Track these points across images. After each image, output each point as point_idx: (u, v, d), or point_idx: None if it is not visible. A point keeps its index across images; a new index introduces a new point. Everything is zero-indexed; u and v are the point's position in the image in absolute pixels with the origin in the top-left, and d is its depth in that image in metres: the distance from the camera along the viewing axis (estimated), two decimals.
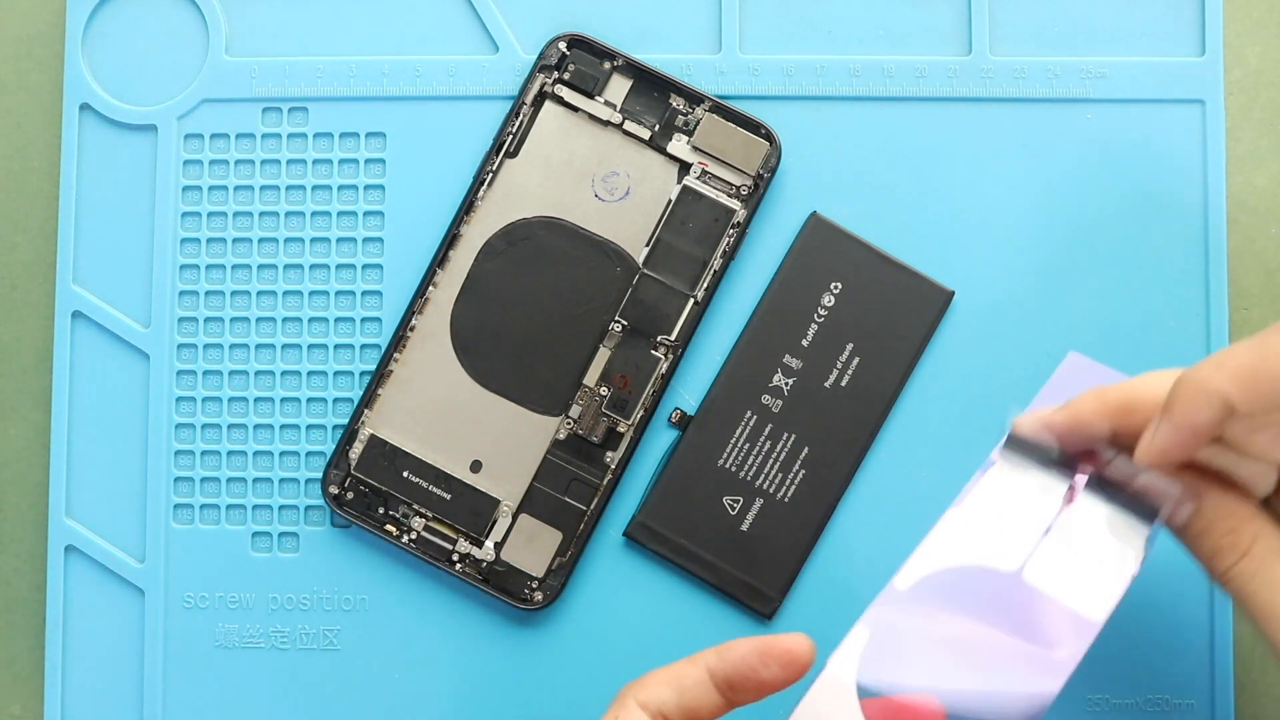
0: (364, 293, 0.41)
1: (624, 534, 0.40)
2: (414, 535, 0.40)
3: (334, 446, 0.40)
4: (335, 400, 0.41)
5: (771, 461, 0.39)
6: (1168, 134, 0.40)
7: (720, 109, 0.40)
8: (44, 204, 0.42)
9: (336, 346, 0.41)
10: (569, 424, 0.40)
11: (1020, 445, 0.31)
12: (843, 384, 0.40)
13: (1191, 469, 0.30)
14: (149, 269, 0.41)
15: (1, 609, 0.42)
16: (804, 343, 0.40)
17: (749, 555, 0.39)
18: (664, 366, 0.40)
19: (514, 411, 0.40)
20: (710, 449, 0.40)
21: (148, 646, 0.40)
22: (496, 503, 0.40)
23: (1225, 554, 0.30)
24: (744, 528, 0.39)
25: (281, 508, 0.41)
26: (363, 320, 0.41)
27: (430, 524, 0.40)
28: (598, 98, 0.40)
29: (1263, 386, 0.28)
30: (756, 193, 0.40)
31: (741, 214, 0.40)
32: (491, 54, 0.41)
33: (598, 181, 0.40)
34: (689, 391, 0.40)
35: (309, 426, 0.41)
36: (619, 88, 0.40)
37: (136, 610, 0.41)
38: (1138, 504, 0.30)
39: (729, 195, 0.40)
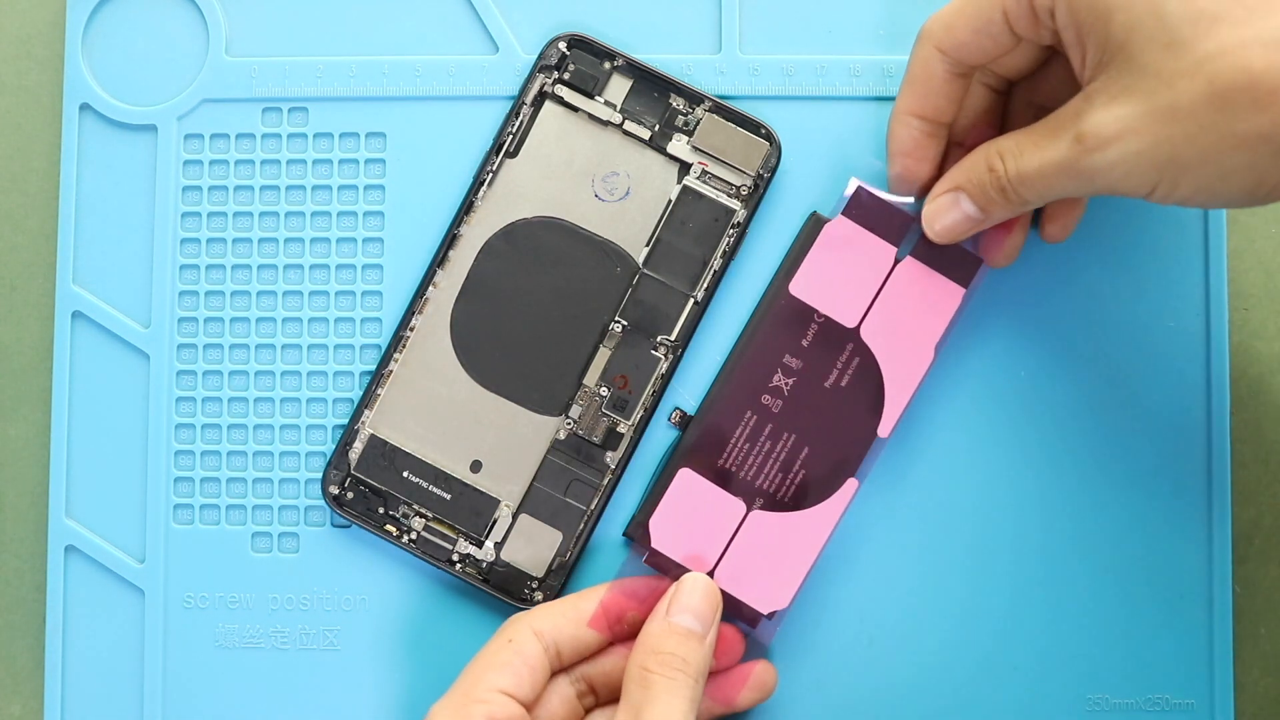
0: (364, 293, 0.41)
1: (624, 534, 0.40)
2: (414, 535, 0.40)
3: (334, 446, 0.40)
4: (335, 400, 0.41)
5: (771, 461, 0.39)
6: None
7: (720, 109, 0.40)
8: (44, 204, 0.42)
9: (336, 347, 0.41)
10: (569, 424, 0.40)
11: (860, 209, 0.38)
12: (843, 384, 0.40)
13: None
14: (149, 269, 0.41)
15: (1, 609, 0.42)
16: (804, 343, 0.40)
17: None
18: (664, 366, 0.40)
19: (514, 411, 0.40)
20: (710, 449, 0.39)
21: (148, 646, 0.40)
22: (496, 503, 0.40)
23: (1009, 187, 0.33)
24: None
25: (281, 508, 0.41)
26: (363, 320, 0.41)
27: (430, 524, 0.40)
28: (598, 98, 0.40)
29: (914, 87, 0.36)
30: (756, 193, 0.40)
31: (741, 214, 0.40)
32: (491, 54, 0.41)
33: (598, 181, 0.40)
34: (689, 391, 0.40)
35: (309, 427, 0.41)
36: (619, 88, 0.40)
37: (136, 610, 0.41)
38: (953, 269, 0.38)
39: (729, 195, 0.40)
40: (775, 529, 0.38)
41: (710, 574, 0.37)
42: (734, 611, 0.38)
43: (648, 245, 0.40)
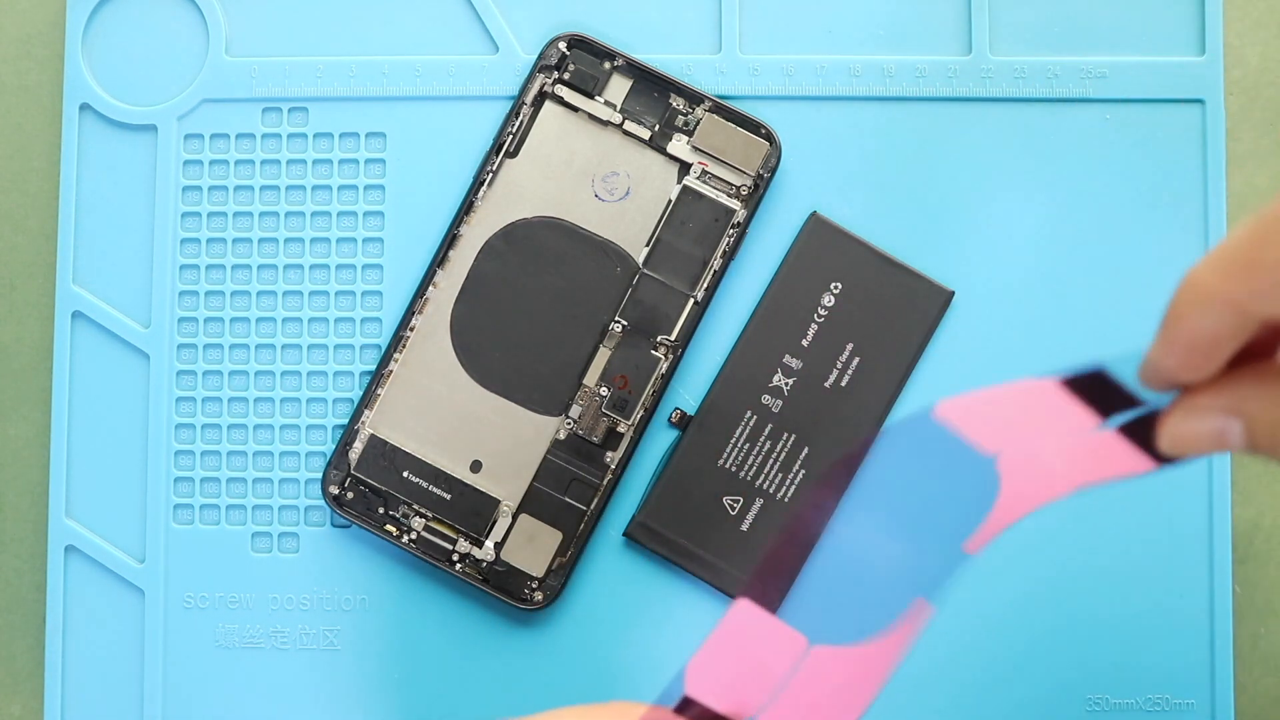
0: (364, 293, 0.41)
1: (624, 534, 0.40)
2: (414, 535, 0.40)
3: (334, 446, 0.40)
4: (335, 400, 0.41)
5: (771, 461, 0.39)
6: (1168, 134, 0.40)
7: (720, 109, 0.40)
8: (44, 204, 0.42)
9: (336, 347, 0.41)
10: (569, 424, 0.40)
11: (1086, 387, 0.27)
12: (843, 384, 0.40)
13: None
14: (149, 269, 0.41)
15: (1, 609, 0.42)
16: (804, 343, 0.40)
17: (749, 555, 0.39)
18: (664, 366, 0.40)
19: (514, 411, 0.40)
20: (710, 449, 0.40)
21: (148, 646, 0.40)
22: (496, 503, 0.40)
23: None
24: (744, 528, 0.39)
25: (281, 508, 0.41)
26: (363, 320, 0.41)
27: (430, 524, 0.40)
28: (598, 98, 0.40)
29: (1265, 275, 0.22)
30: (756, 193, 0.40)
31: (741, 214, 0.40)
32: (491, 54, 0.41)
33: (598, 181, 0.40)
34: (689, 391, 0.40)
35: (309, 426, 0.41)
36: (619, 88, 0.40)
37: (136, 610, 0.41)
38: (1156, 450, 0.27)
39: (729, 195, 0.40)
40: (835, 665, 0.30)
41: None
42: None
43: (648, 245, 0.40)
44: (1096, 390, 0.27)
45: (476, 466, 0.40)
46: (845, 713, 0.30)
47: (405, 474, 0.40)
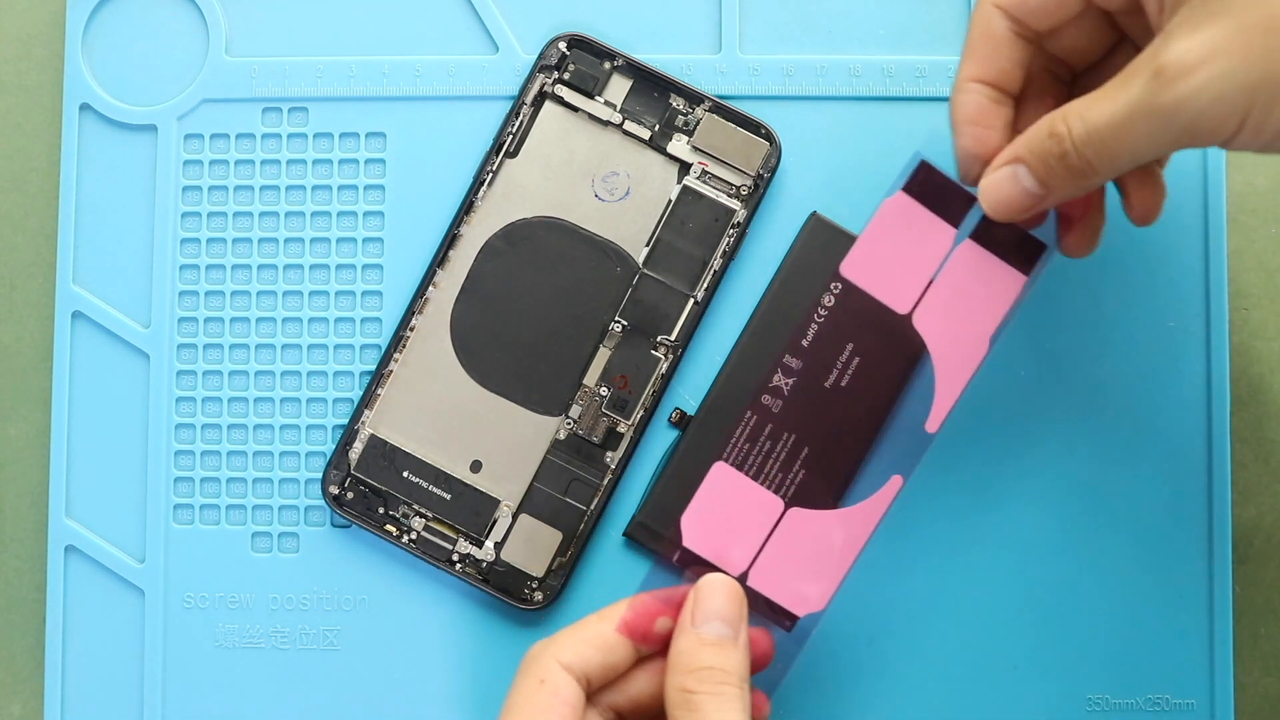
0: (364, 293, 0.41)
1: (624, 534, 0.40)
2: (414, 535, 0.40)
3: (334, 446, 0.40)
4: (335, 400, 0.41)
5: (771, 461, 0.39)
6: None
7: (720, 109, 0.40)
8: (44, 204, 0.42)
9: (336, 347, 0.41)
10: (569, 424, 0.40)
11: (921, 185, 0.35)
12: (843, 384, 0.40)
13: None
14: (149, 269, 0.41)
15: (1, 609, 0.42)
16: (804, 343, 0.40)
17: None
18: (664, 366, 0.40)
19: (514, 411, 0.40)
20: (710, 449, 0.39)
21: (148, 646, 0.40)
22: (496, 503, 0.40)
23: (1073, 151, 0.30)
24: None
25: (281, 508, 0.41)
26: (363, 320, 0.41)
27: (430, 524, 0.40)
28: (598, 98, 0.40)
29: (976, 51, 0.33)
30: (756, 193, 0.40)
31: (741, 214, 0.40)
32: (491, 54, 0.41)
33: (598, 181, 0.40)
34: (689, 391, 0.40)
35: (309, 426, 0.41)
36: (619, 88, 0.40)
37: (136, 610, 0.41)
38: (1013, 255, 0.35)
39: (729, 195, 0.40)
40: (814, 527, 0.36)
41: (745, 574, 0.35)
42: (767, 614, 0.35)
43: (648, 245, 0.40)
44: (932, 188, 0.35)
45: (476, 466, 0.40)
46: (827, 574, 0.35)
47: (405, 474, 0.40)
